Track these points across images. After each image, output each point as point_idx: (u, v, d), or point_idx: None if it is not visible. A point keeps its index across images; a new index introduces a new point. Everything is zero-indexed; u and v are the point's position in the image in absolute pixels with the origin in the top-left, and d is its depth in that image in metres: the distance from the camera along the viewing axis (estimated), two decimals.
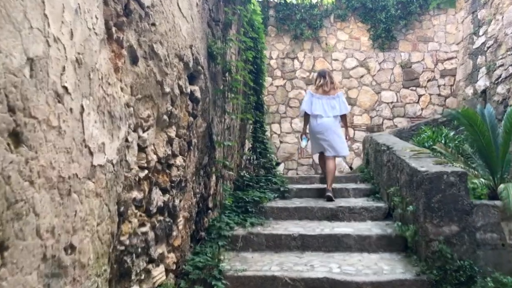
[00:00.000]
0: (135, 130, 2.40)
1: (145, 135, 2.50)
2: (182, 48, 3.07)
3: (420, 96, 9.66)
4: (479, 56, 6.50)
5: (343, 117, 5.81)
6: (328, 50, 9.82)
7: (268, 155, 6.38)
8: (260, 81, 6.18)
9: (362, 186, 5.88)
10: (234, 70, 4.40)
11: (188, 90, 3.25)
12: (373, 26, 9.81)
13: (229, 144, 4.27)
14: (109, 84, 2.07)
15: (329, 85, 5.71)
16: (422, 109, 9.64)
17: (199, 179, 3.72)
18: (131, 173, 2.33)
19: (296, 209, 4.83)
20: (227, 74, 4.18)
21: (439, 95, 9.68)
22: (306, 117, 5.78)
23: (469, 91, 6.72)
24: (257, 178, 5.79)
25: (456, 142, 5.04)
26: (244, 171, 6.15)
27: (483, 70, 6.40)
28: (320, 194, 5.68)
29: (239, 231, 4.18)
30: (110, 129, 2.08)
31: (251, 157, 6.23)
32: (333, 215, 4.73)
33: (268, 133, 9.15)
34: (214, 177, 4.25)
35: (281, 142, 9.40)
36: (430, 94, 9.67)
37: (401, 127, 7.05)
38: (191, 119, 3.35)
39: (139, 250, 2.45)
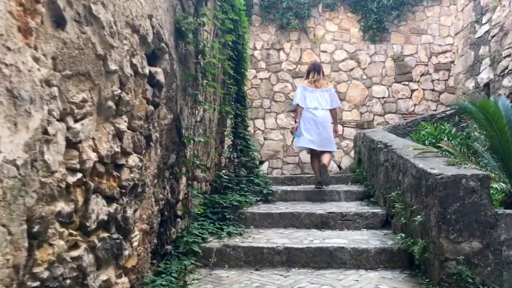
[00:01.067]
0: (61, 119, 1.76)
1: (77, 125, 1.87)
2: (137, 17, 2.42)
3: (413, 91, 9.16)
4: (482, 46, 5.98)
5: (333, 112, 5.59)
6: (316, 41, 9.24)
7: (251, 153, 5.77)
8: (242, 70, 5.56)
9: (354, 188, 5.31)
10: (209, 52, 3.77)
11: (147, 71, 2.61)
12: (363, 17, 9.26)
13: (201, 140, 3.63)
14: (8, 49, 1.43)
15: (321, 79, 5.60)
16: (415, 105, 9.14)
17: (163, 182, 3.08)
18: (53, 177, 1.69)
19: (281, 215, 4.23)
20: (200, 57, 3.54)
21: (433, 90, 9.19)
22: (299, 110, 5.51)
23: (470, 84, 6.21)
24: (237, 179, 5.17)
25: (459, 139, 4.51)
26: (223, 171, 5.53)
27: (486, 61, 5.89)
28: (308, 196, 5.10)
29: (214, 243, 3.55)
30: (12, 116, 1.44)
31: (231, 155, 5.60)
32: (323, 223, 4.14)
33: (250, 129, 8.53)
34: (184, 179, 3.61)
35: (265, 139, 8.80)
36: (424, 89, 9.17)
37: (396, 123, 6.54)
38: (151, 108, 2.71)
39: (68, 282, 1.81)
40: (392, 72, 9.18)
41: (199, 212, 4.12)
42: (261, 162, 8.66)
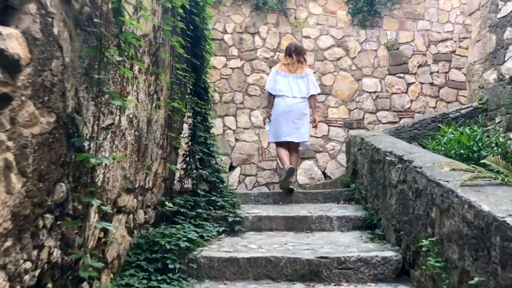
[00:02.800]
0: None
1: None
2: None
3: (409, 85, 8.02)
4: (508, 28, 4.81)
5: (312, 99, 5.07)
6: (297, 25, 7.98)
7: (214, 162, 4.46)
8: (201, 52, 4.23)
9: (350, 211, 4.08)
10: (132, 12, 2.43)
11: None
12: None
13: (111, 159, 2.26)
14: None
15: (297, 62, 5.07)
16: (411, 101, 8.00)
17: (34, 239, 1.74)
18: None
19: (251, 262, 2.94)
20: (113, 18, 2.19)
21: (431, 84, 8.07)
22: (270, 98, 5.13)
23: (490, 76, 5.06)
24: (194, 201, 3.87)
25: (500, 149, 3.31)
26: (175, 189, 4.21)
27: None
28: (289, 224, 3.84)
29: None
30: None
31: (188, 167, 4.28)
32: (313, 273, 2.87)
33: (218, 129, 7.22)
34: (94, 216, 2.28)
35: (237, 140, 7.50)
36: (421, 83, 8.05)
37: (399, 125, 5.35)
38: None
39: None
40: (385, 62, 8.00)
41: (131, 259, 2.82)
42: (232, 168, 7.37)
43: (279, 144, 5.11)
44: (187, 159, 4.31)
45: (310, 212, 4.00)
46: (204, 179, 4.29)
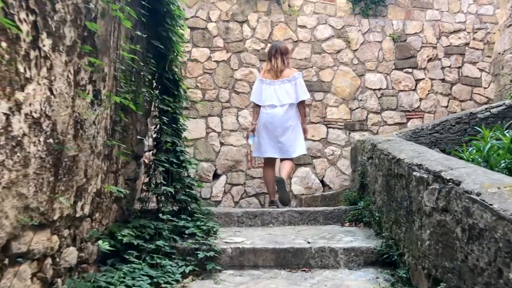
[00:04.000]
0: None
1: None
2: None
3: (418, 81, 7.13)
4: None
5: (301, 105, 4.69)
6: (291, 13, 7.07)
7: (184, 175, 3.54)
8: (167, 34, 3.30)
9: (359, 239, 3.18)
10: None
11: None
12: None
13: None
14: None
15: (280, 65, 4.64)
16: (420, 99, 7.11)
17: None
18: None
19: None
20: None
21: (443, 80, 7.19)
22: (256, 108, 4.80)
23: None
24: (154, 228, 2.94)
25: None
26: (135, 209, 3.30)
27: None
28: (281, 259, 2.92)
29: None
30: None
31: (153, 181, 3.36)
32: None
33: (196, 133, 6.31)
34: None
35: (222, 144, 6.57)
36: (432, 79, 7.16)
37: (416, 127, 4.45)
38: None
39: None
40: (391, 55, 7.11)
41: None
42: (216, 176, 6.45)
43: (266, 160, 4.79)
44: (150, 171, 3.38)
45: (309, 242, 3.09)
46: (172, 197, 3.37)
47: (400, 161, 2.79)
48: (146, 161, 3.75)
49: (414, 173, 2.47)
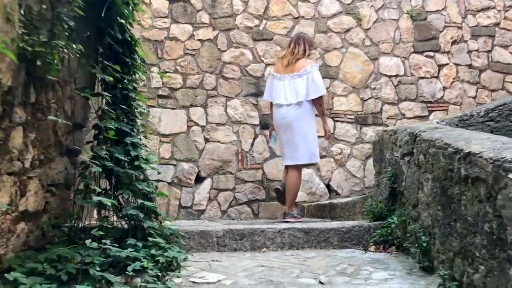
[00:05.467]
0: None
1: None
2: None
3: (441, 66, 6.09)
4: None
5: (317, 103, 4.15)
6: None
7: (137, 178, 2.47)
8: None
9: (396, 275, 2.10)
10: None
11: None
12: None
13: None
14: None
15: (300, 52, 4.17)
16: (444, 88, 6.07)
17: None
18: None
19: None
20: None
21: (470, 66, 6.16)
22: (271, 107, 4.42)
23: None
24: (80, 260, 1.87)
25: None
26: (65, 231, 2.23)
27: None
28: None
29: None
30: None
31: (88, 188, 2.28)
32: None
33: (175, 127, 5.27)
34: None
35: (207, 140, 5.49)
36: (457, 65, 6.13)
37: (464, 113, 3.39)
38: None
39: None
40: (409, 36, 6.07)
41: None
42: (199, 180, 5.37)
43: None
44: (85, 173, 2.30)
45: (322, 282, 2.02)
46: (117, 211, 2.29)
47: (472, 156, 1.72)
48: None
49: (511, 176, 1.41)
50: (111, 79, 2.30)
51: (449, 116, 3.64)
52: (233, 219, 5.30)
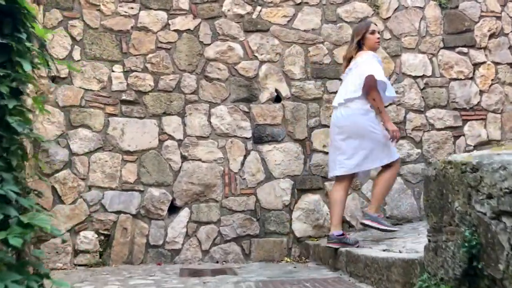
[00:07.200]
0: None
1: None
2: None
3: (476, 65, 4.98)
4: None
5: (369, 97, 3.45)
6: None
7: None
8: None
9: None
10: None
11: None
12: None
13: None
14: None
15: (350, 50, 3.74)
16: (481, 92, 4.95)
17: None
18: None
19: None
20: None
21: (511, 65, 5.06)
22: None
23: None
24: None
25: None
26: None
27: None
28: None
29: None
30: None
31: None
32: None
33: (142, 142, 4.15)
34: None
35: (185, 158, 4.32)
36: (496, 63, 5.02)
37: None
38: None
39: None
40: (438, 28, 4.96)
41: None
42: (174, 210, 4.21)
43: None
44: None
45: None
46: None
47: None
48: None
49: None
50: None
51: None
52: (217, 262, 4.14)
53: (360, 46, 3.65)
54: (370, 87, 3.42)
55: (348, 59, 3.70)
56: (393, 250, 2.78)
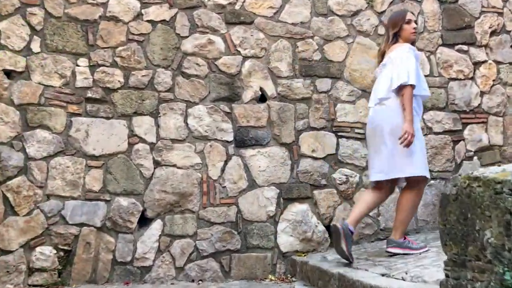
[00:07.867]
0: None
1: None
2: None
3: (477, 64, 4.66)
4: None
5: (400, 96, 3.21)
6: None
7: None
8: None
9: None
10: None
11: None
12: None
13: None
14: None
15: (385, 45, 3.53)
16: (482, 93, 4.63)
17: None
18: None
19: None
20: None
21: None
22: None
23: None
24: None
25: None
26: None
27: None
28: None
29: None
30: None
31: None
32: None
33: (108, 145, 3.70)
34: None
35: (158, 164, 3.89)
36: (498, 62, 4.72)
37: None
38: None
39: None
40: (436, 24, 4.63)
41: None
42: (145, 222, 3.78)
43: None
44: None
45: None
46: None
47: None
48: None
49: None
50: None
51: None
52: (192, 281, 3.71)
53: (396, 38, 3.40)
54: (403, 88, 3.17)
55: (382, 53, 3.48)
56: (394, 275, 2.38)
